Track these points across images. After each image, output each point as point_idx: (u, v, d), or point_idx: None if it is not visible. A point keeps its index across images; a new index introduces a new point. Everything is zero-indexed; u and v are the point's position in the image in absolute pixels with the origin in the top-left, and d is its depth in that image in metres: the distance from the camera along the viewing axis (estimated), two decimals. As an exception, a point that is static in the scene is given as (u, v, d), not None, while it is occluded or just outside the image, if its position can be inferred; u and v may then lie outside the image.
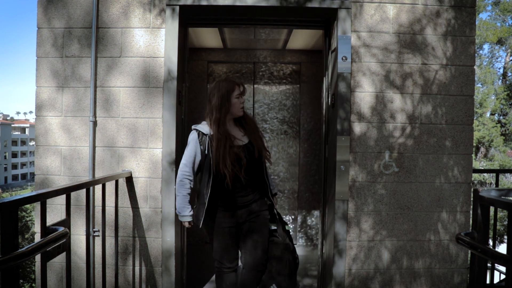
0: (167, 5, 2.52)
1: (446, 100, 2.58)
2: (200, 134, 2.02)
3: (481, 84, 15.06)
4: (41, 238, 1.51)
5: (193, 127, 2.07)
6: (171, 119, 2.51)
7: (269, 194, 2.18)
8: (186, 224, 2.08)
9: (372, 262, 2.58)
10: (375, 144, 2.57)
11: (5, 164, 52.89)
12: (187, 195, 2.03)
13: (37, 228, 2.50)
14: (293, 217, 4.52)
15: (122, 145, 2.56)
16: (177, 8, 2.51)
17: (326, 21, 2.76)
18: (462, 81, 2.58)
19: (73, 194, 2.33)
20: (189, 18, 2.73)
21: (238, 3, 2.50)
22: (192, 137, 2.04)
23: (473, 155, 9.18)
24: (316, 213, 4.44)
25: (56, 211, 2.56)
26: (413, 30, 2.57)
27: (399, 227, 2.58)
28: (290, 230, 4.48)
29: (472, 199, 1.78)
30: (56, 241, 1.49)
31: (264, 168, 2.14)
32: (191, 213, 2.06)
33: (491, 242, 2.80)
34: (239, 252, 2.18)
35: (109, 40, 2.55)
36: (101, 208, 2.27)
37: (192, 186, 2.06)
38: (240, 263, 2.19)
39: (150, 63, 2.54)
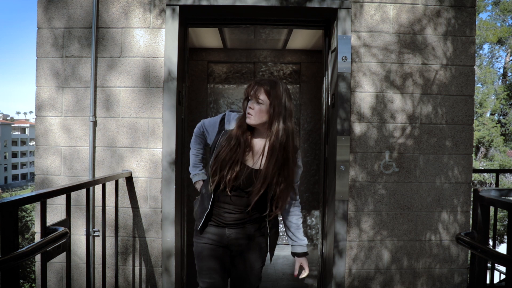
0: (167, 5, 2.52)
1: (446, 100, 2.58)
2: (223, 123, 1.70)
3: (481, 84, 15.06)
4: (41, 238, 1.51)
5: (227, 111, 1.75)
6: (171, 119, 2.51)
7: (266, 245, 1.74)
8: (197, 185, 1.85)
9: (372, 262, 2.58)
10: (375, 144, 2.57)
11: (5, 164, 52.90)
12: (197, 154, 1.87)
13: (37, 228, 2.50)
14: (293, 217, 4.51)
15: (122, 145, 2.56)
16: (177, 8, 2.51)
17: (325, 21, 2.76)
18: (462, 81, 2.58)
19: (73, 194, 2.33)
20: (189, 18, 2.73)
21: (238, 3, 2.50)
22: (218, 119, 1.75)
23: (473, 155, 9.18)
24: (316, 213, 4.44)
25: (56, 211, 2.56)
26: (413, 30, 2.57)
27: (399, 227, 2.58)
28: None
29: (472, 199, 1.78)
30: (56, 241, 1.49)
31: (266, 202, 1.64)
32: (201, 171, 1.85)
33: (491, 242, 2.80)
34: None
35: (109, 40, 2.55)
36: (101, 208, 2.27)
37: (203, 148, 1.85)
38: None
39: (150, 63, 2.54)
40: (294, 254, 1.80)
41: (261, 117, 1.60)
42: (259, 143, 1.65)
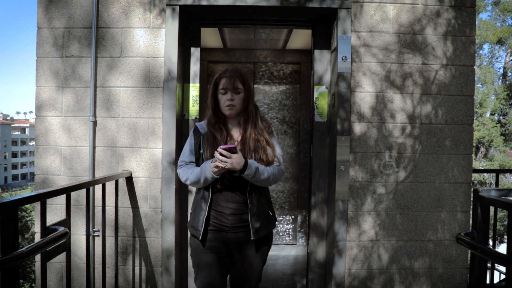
0: (167, 5, 2.52)
1: (446, 100, 2.58)
2: (197, 131, 1.77)
3: (481, 84, 15.06)
4: (41, 238, 1.51)
5: (196, 124, 1.83)
6: (171, 119, 2.51)
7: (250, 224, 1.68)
8: (221, 165, 1.53)
9: (372, 262, 2.58)
10: (375, 144, 2.57)
11: (5, 164, 52.90)
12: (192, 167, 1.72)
13: (37, 228, 2.50)
14: (293, 217, 4.52)
15: (122, 145, 2.56)
16: (177, 8, 2.51)
17: (311, 20, 2.78)
18: (462, 81, 2.58)
19: (73, 194, 2.33)
20: (204, 18, 2.75)
21: (238, 3, 2.50)
22: (190, 133, 1.81)
23: (473, 155, 9.18)
24: (316, 213, 4.43)
25: (56, 211, 2.56)
26: (413, 30, 2.57)
27: (399, 227, 2.58)
28: (290, 230, 4.50)
29: (472, 199, 1.78)
30: (56, 241, 1.49)
31: (247, 185, 1.68)
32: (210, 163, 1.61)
33: (491, 242, 2.80)
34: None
35: (109, 40, 2.55)
36: (101, 208, 2.27)
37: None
38: None
39: (150, 63, 2.54)
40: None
41: (241, 105, 1.71)
42: (235, 128, 1.77)
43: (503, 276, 3.55)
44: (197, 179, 1.65)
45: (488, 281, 2.96)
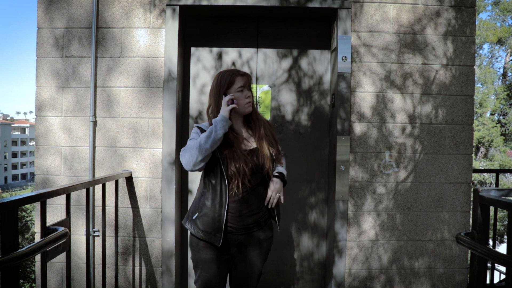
0: (167, 5, 2.52)
1: (446, 100, 2.58)
2: (203, 131, 1.68)
3: (481, 84, 15.06)
4: (41, 238, 1.51)
5: (195, 125, 1.73)
6: (171, 119, 2.51)
7: (275, 217, 1.77)
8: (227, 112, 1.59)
9: (372, 262, 2.58)
10: (375, 144, 2.57)
11: (5, 164, 52.92)
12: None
13: (37, 228, 2.50)
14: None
15: (123, 145, 2.56)
16: (177, 8, 2.51)
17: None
18: (462, 81, 2.58)
19: (73, 194, 2.33)
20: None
21: (238, 3, 2.50)
22: (195, 131, 1.70)
23: (473, 155, 9.17)
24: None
25: (56, 211, 2.56)
26: (413, 30, 2.57)
27: (399, 227, 2.58)
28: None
29: (472, 199, 1.78)
30: (56, 241, 1.49)
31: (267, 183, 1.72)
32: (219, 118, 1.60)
33: (491, 242, 2.80)
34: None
35: (109, 40, 2.55)
36: (101, 208, 2.27)
37: None
38: None
39: (150, 63, 2.54)
40: (273, 176, 1.74)
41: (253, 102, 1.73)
42: (241, 128, 1.75)
43: (503, 276, 3.55)
44: (208, 133, 1.58)
45: (488, 281, 2.96)
